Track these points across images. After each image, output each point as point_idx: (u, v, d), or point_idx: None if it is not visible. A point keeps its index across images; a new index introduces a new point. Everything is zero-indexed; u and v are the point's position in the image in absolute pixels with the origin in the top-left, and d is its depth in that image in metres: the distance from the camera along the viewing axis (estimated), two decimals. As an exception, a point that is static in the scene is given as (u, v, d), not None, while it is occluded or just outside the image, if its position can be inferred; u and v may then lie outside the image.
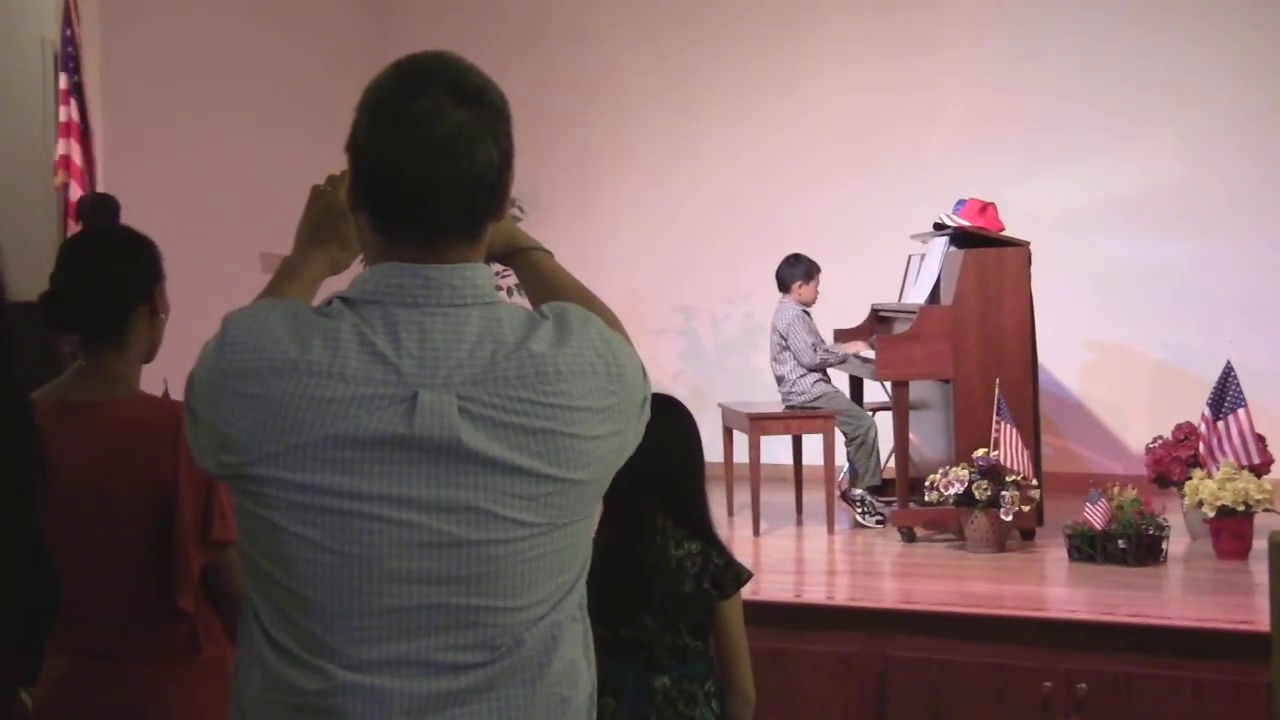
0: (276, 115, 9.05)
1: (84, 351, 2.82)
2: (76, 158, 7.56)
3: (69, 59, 7.65)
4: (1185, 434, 7.12)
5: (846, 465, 8.03)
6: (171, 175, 8.07)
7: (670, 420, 3.36)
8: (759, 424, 7.54)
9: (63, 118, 7.60)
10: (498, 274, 2.23)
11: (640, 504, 3.31)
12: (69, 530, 2.59)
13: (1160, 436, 7.29)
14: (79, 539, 2.65)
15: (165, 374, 3.85)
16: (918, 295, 7.68)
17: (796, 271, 8.00)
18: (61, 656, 2.70)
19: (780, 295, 8.03)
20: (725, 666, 3.38)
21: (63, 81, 7.62)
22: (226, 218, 8.40)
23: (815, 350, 7.76)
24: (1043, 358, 7.54)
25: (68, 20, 7.68)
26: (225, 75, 8.69)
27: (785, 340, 7.82)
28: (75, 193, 7.51)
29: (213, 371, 1.72)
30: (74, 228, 7.41)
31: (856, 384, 8.42)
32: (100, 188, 7.53)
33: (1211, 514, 6.54)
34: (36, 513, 1.77)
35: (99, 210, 6.93)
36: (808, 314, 7.92)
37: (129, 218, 3.56)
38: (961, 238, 7.44)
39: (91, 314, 2.80)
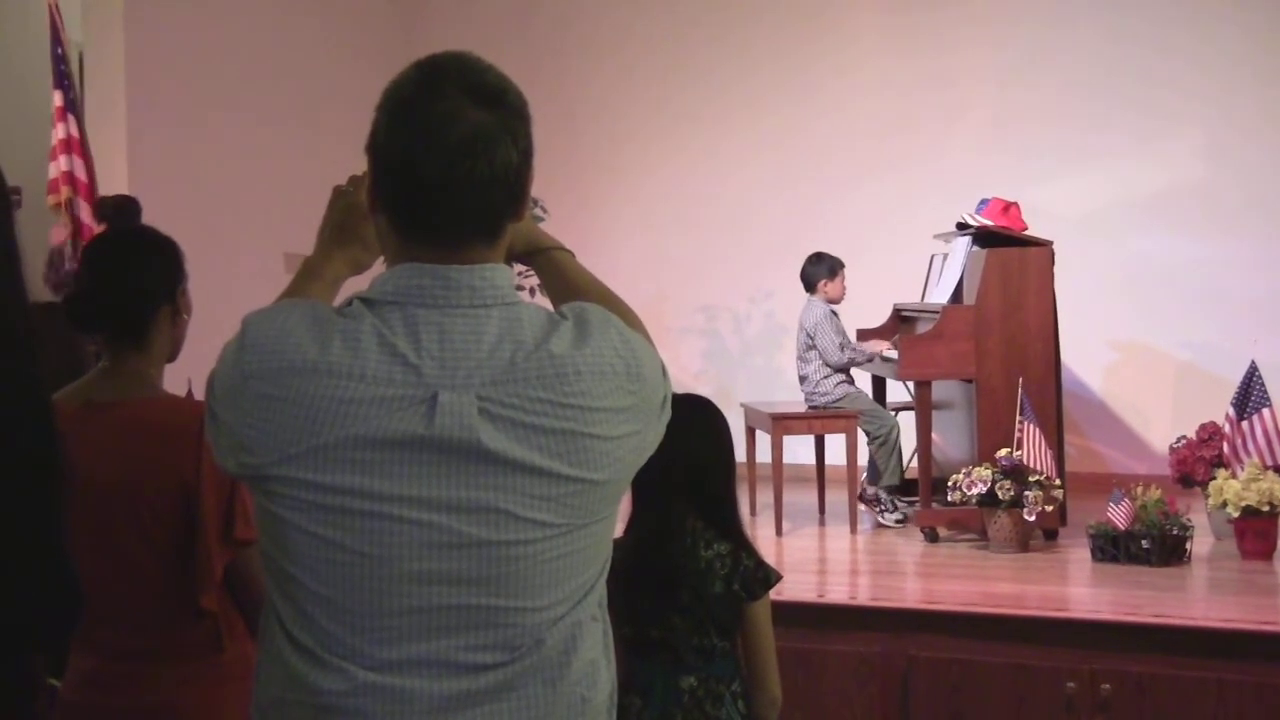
0: (301, 116, 9.07)
1: (107, 352, 2.84)
2: (81, 173, 7.53)
3: (61, 76, 7.60)
4: (1209, 434, 7.09)
5: (868, 465, 8.02)
6: (196, 176, 8.10)
7: (702, 420, 3.39)
8: (782, 424, 7.54)
9: (61, 134, 7.55)
10: (519, 274, 2.24)
11: (671, 504, 3.31)
12: (93, 530, 2.61)
13: (1184, 436, 7.26)
14: (103, 538, 2.66)
15: (189, 374, 3.86)
16: (940, 295, 7.67)
17: (820, 270, 7.98)
18: (86, 655, 2.71)
19: (808, 295, 8.02)
20: (752, 667, 3.38)
21: (57, 99, 7.58)
22: (251, 218, 8.43)
23: (842, 350, 7.74)
24: (1066, 357, 7.53)
25: (56, 38, 7.62)
26: (249, 76, 8.71)
27: (812, 339, 7.81)
28: (82, 208, 7.47)
29: (233, 373, 1.73)
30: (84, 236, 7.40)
31: (879, 384, 8.41)
32: (125, 187, 7.53)
33: (1236, 514, 6.51)
34: (58, 516, 1.78)
35: (121, 213, 6.94)
36: (835, 314, 7.90)
37: (154, 218, 3.56)
38: (984, 237, 7.42)
39: (115, 314, 2.81)
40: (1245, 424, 6.80)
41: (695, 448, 3.29)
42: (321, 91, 9.19)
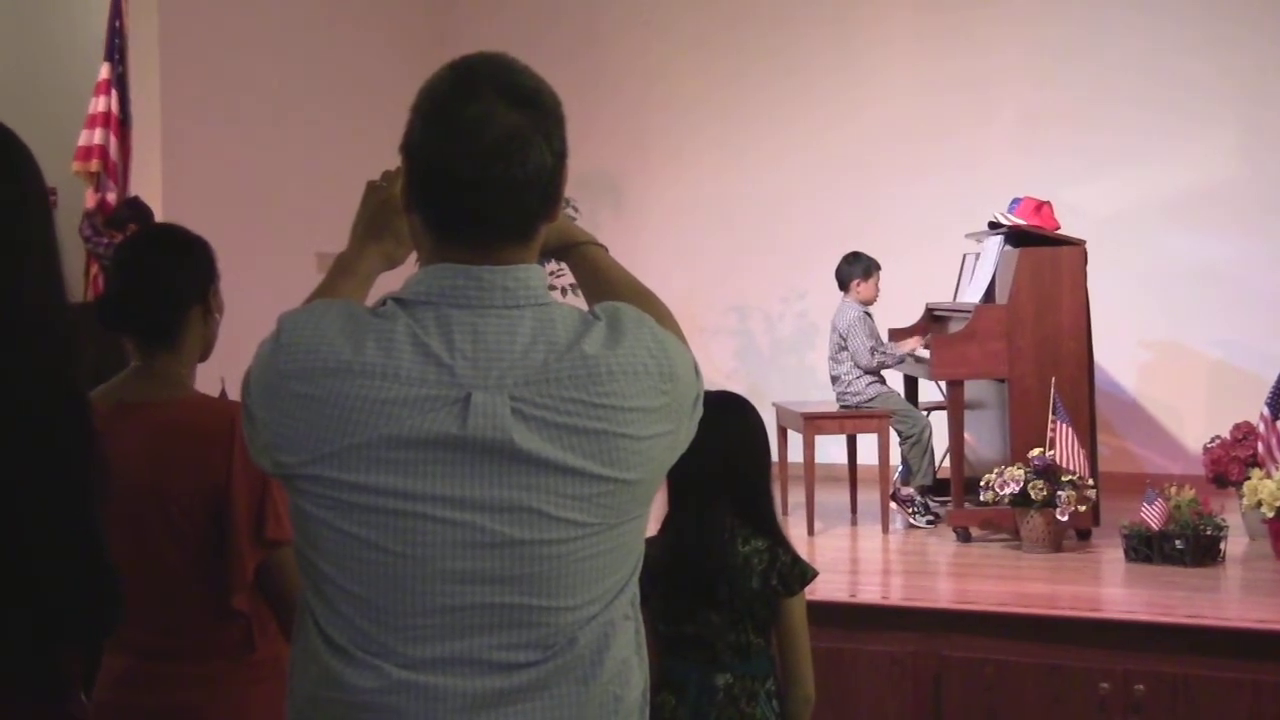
0: (334, 113, 9.07)
1: (138, 352, 2.84)
2: (113, 151, 7.49)
3: (114, 49, 7.57)
4: (1244, 433, 7.05)
5: (901, 465, 7.99)
6: (229, 173, 8.11)
7: (737, 418, 3.40)
8: (814, 423, 7.52)
9: (101, 107, 7.51)
10: (552, 273, 2.23)
11: (709, 501, 3.31)
12: (126, 529, 2.60)
13: (1218, 436, 7.23)
14: (134, 538, 2.65)
15: (222, 373, 3.87)
16: (973, 294, 7.64)
17: (855, 269, 7.96)
18: (118, 655, 2.71)
19: (841, 295, 8.00)
20: (787, 664, 3.38)
21: (104, 71, 7.54)
22: (283, 216, 8.44)
23: (874, 354, 7.71)
24: (1098, 357, 7.49)
25: (117, 10, 7.60)
26: (282, 72, 8.72)
27: (844, 340, 7.79)
28: (108, 184, 7.44)
29: (268, 372, 1.74)
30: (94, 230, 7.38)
31: (912, 383, 8.38)
32: (157, 185, 7.53)
33: (1270, 514, 6.47)
34: (96, 513, 1.78)
35: (136, 213, 6.92)
36: (869, 315, 7.87)
37: (187, 216, 3.58)
38: (1017, 237, 7.40)
39: (145, 315, 2.81)
40: (1280, 423, 6.77)
41: (731, 445, 3.31)
42: (355, 88, 9.20)
